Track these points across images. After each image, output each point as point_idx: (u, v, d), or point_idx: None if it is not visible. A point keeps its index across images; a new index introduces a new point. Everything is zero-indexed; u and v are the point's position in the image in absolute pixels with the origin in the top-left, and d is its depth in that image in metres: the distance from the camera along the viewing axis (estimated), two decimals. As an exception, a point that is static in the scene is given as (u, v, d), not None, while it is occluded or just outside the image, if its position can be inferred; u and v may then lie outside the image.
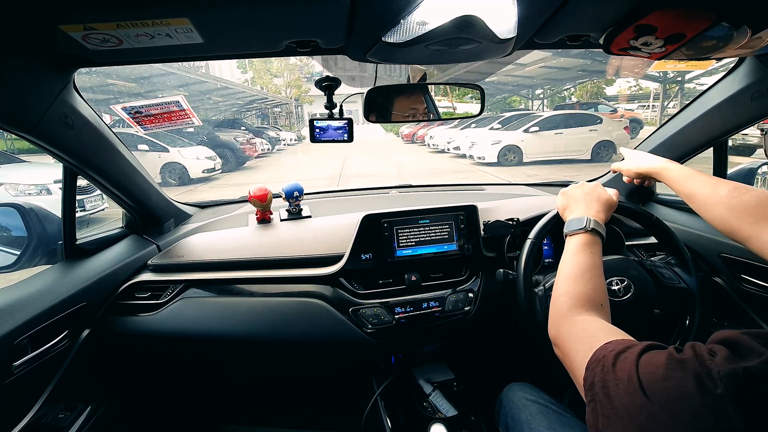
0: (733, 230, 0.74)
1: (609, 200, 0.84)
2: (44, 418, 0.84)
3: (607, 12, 0.63)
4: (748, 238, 0.71)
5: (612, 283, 0.89)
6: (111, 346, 1.04)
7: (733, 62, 0.98)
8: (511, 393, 0.96)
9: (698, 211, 0.83)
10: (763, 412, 0.34)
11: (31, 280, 0.90)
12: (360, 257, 1.06)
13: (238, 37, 0.67)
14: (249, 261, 1.08)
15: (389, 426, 1.09)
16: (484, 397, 1.14)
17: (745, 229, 0.72)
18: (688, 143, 1.13)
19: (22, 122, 0.70)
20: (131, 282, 1.04)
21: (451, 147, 10.84)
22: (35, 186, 4.55)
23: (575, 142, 9.06)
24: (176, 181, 7.98)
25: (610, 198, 0.84)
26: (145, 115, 1.03)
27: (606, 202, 0.83)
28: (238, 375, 1.46)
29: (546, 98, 19.53)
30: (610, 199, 0.84)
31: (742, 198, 0.74)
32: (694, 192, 0.84)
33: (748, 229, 0.71)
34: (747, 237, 0.71)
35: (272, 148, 13.63)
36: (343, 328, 1.03)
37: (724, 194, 0.77)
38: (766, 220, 0.69)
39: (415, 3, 0.56)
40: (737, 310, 1.07)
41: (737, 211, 0.74)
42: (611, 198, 0.84)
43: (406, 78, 1.00)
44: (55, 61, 0.69)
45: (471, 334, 1.24)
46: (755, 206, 0.71)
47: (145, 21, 0.55)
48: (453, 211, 1.12)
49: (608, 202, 0.83)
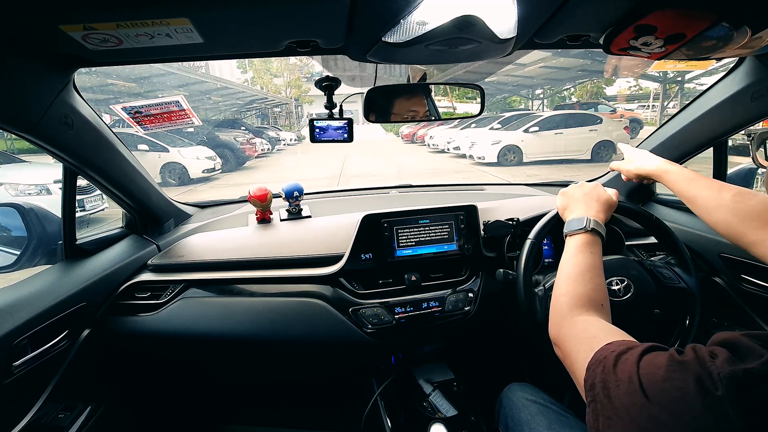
0: (737, 235, 0.74)
1: (609, 200, 0.84)
2: (44, 418, 0.84)
3: (607, 12, 0.63)
4: (753, 243, 0.71)
5: (612, 283, 0.89)
6: (111, 346, 1.04)
7: (733, 62, 0.98)
8: (511, 393, 0.96)
9: (700, 214, 0.83)
10: (763, 413, 0.34)
11: (31, 280, 0.90)
12: (360, 257, 1.06)
13: (238, 37, 0.67)
14: (249, 261, 1.08)
15: (389, 426, 1.09)
16: (484, 397, 1.14)
17: (749, 234, 0.71)
18: (688, 143, 1.13)
19: (22, 122, 0.70)
20: (131, 282, 1.04)
21: (451, 147, 10.84)
22: (35, 186, 4.55)
23: (575, 142, 9.06)
24: (176, 181, 7.98)
25: (610, 198, 0.84)
26: (145, 115, 1.03)
27: (606, 202, 0.83)
28: (238, 375, 1.46)
29: (546, 98, 19.53)
30: (609, 199, 0.84)
31: (747, 203, 0.74)
32: (696, 195, 0.83)
33: (752, 234, 0.71)
34: (752, 242, 0.71)
35: (272, 148, 13.62)
36: (343, 328, 1.03)
37: (727, 198, 0.77)
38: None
39: (415, 3, 0.56)
40: (737, 310, 1.07)
41: (741, 215, 0.73)
42: (611, 198, 0.84)
43: (406, 78, 1.00)
44: (55, 61, 0.69)
45: (471, 334, 1.24)
46: (761, 212, 0.71)
47: (145, 21, 0.55)
48: (453, 211, 1.12)
49: (608, 202, 0.83)
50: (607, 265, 0.92)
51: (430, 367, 1.21)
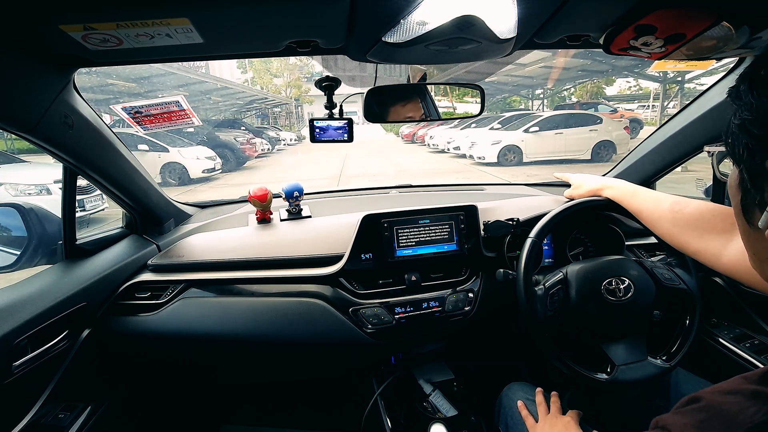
0: (681, 245, 0.74)
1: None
2: (44, 418, 0.84)
3: (607, 12, 0.63)
4: (696, 251, 0.71)
5: (612, 283, 0.89)
6: (111, 346, 1.04)
7: (733, 62, 0.98)
8: (511, 393, 0.96)
9: (648, 226, 0.83)
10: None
11: (31, 280, 0.90)
12: (360, 257, 1.06)
13: (238, 37, 0.67)
14: (249, 261, 1.08)
15: (389, 426, 1.09)
16: (484, 397, 1.14)
17: (692, 244, 0.71)
18: (688, 143, 1.14)
19: (22, 122, 0.70)
20: (131, 282, 1.04)
21: (451, 147, 10.84)
22: (35, 186, 4.55)
23: (575, 142, 9.05)
24: (176, 181, 7.98)
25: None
26: (145, 115, 1.03)
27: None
28: (238, 375, 1.46)
29: (546, 98, 19.52)
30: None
31: (683, 212, 0.73)
32: (640, 209, 0.84)
33: (695, 243, 0.71)
34: (695, 251, 0.71)
35: (272, 148, 13.63)
36: (343, 328, 1.03)
37: (666, 209, 0.77)
38: (709, 233, 0.69)
39: (415, 3, 0.56)
40: (737, 310, 1.07)
41: (681, 226, 0.73)
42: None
43: (406, 78, 1.00)
44: (55, 61, 0.69)
45: (471, 334, 1.24)
46: (697, 219, 0.71)
47: (145, 21, 0.55)
48: (453, 211, 1.11)
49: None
50: (607, 265, 0.92)
51: (430, 367, 1.21)
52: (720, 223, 0.68)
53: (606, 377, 0.87)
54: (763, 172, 0.34)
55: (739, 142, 0.36)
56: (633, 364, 0.88)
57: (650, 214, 0.80)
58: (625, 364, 0.87)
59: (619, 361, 0.88)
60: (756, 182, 0.36)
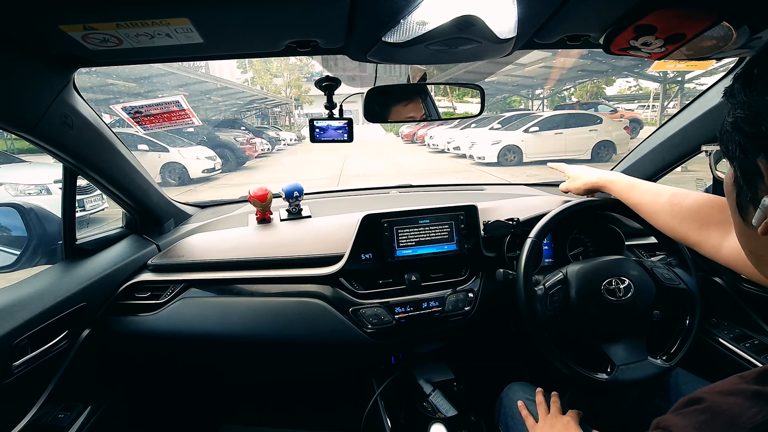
0: (681, 237, 0.74)
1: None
2: (44, 418, 0.84)
3: (607, 12, 0.63)
4: (696, 243, 0.71)
5: (612, 283, 0.89)
6: (111, 346, 1.04)
7: (733, 62, 0.98)
8: (512, 393, 0.96)
9: (647, 220, 0.83)
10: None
11: (31, 280, 0.90)
12: (360, 257, 1.06)
13: (238, 37, 0.67)
14: (249, 261, 1.08)
15: (389, 426, 1.09)
16: (484, 397, 1.14)
17: (692, 236, 0.71)
18: (688, 143, 1.14)
19: (22, 122, 0.70)
20: (131, 282, 1.04)
21: (451, 147, 10.84)
22: (35, 186, 4.55)
23: (575, 142, 9.05)
24: (176, 181, 7.98)
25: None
26: (145, 115, 1.03)
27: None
28: (238, 375, 1.46)
29: (546, 98, 19.51)
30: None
31: (682, 204, 0.73)
32: (639, 202, 0.83)
33: (694, 235, 0.71)
34: (695, 243, 0.71)
35: (272, 148, 13.64)
36: (343, 328, 1.03)
37: (665, 202, 0.77)
38: (709, 225, 0.68)
39: (415, 3, 0.56)
40: (737, 310, 1.07)
41: (680, 218, 0.73)
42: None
43: (406, 78, 1.00)
44: (55, 61, 0.69)
45: (471, 334, 1.24)
46: (696, 212, 0.71)
47: (145, 21, 0.55)
48: (453, 211, 1.11)
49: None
50: (607, 265, 0.92)
51: (430, 367, 1.21)
52: (719, 214, 0.68)
53: (606, 377, 0.87)
54: (755, 169, 0.35)
55: (733, 140, 0.36)
56: (633, 364, 0.88)
57: (649, 207, 0.80)
58: (625, 364, 0.87)
59: (619, 361, 0.88)
60: (749, 180, 0.36)
